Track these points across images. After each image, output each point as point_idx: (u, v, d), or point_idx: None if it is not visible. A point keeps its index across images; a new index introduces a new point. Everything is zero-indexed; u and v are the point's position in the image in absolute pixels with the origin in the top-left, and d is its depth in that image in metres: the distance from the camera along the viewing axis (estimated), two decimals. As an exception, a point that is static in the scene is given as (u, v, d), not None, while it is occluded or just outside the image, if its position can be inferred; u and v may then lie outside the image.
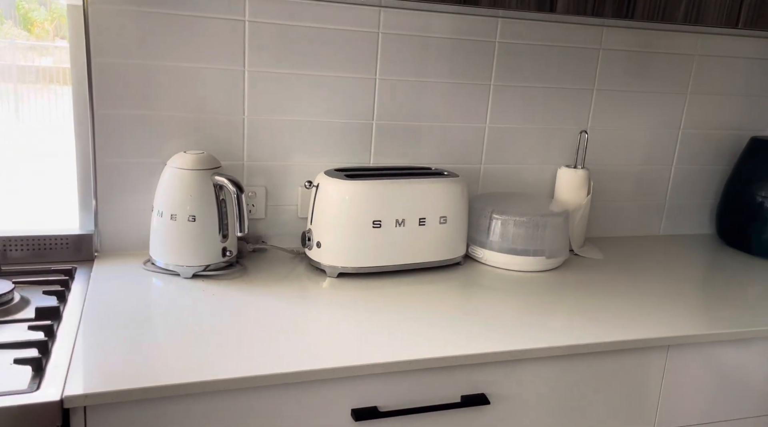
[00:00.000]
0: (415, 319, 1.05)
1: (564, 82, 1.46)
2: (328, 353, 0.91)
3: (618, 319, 1.09)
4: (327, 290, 1.15)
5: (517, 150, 1.48)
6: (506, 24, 1.38)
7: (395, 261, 1.22)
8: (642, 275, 1.34)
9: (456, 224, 1.27)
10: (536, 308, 1.12)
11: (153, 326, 0.96)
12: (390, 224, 1.19)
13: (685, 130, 1.60)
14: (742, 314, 1.16)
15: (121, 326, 0.94)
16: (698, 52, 1.54)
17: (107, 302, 1.02)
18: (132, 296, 1.05)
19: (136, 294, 1.06)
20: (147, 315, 0.99)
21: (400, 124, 1.37)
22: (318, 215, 1.20)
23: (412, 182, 1.22)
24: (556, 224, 1.31)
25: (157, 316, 0.99)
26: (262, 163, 1.30)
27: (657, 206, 1.65)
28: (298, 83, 1.28)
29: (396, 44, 1.32)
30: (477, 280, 1.25)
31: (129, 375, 0.81)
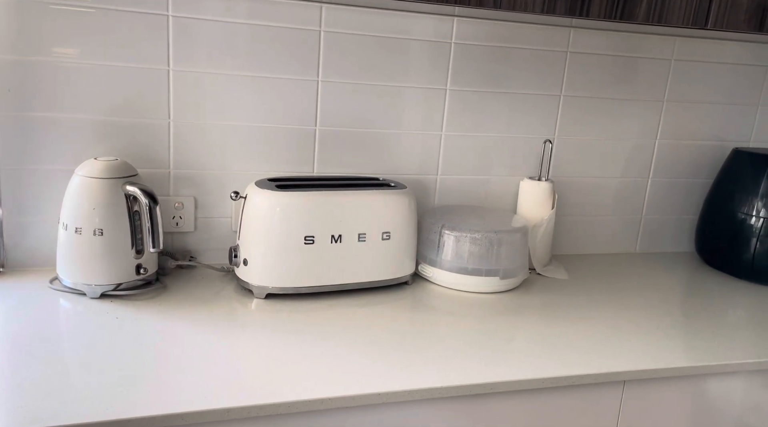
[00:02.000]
0: (348, 347, 0.93)
1: (528, 88, 1.35)
2: (236, 389, 0.79)
3: (571, 349, 0.98)
4: (253, 313, 1.04)
5: (477, 160, 1.37)
6: (463, 24, 1.27)
7: (331, 281, 1.10)
8: (608, 297, 1.22)
9: (401, 240, 1.16)
10: (483, 337, 1.01)
11: (43, 355, 0.84)
12: (324, 239, 1.08)
13: (662, 141, 1.49)
14: (716, 344, 1.04)
15: (5, 356, 0.83)
16: (675, 56, 1.43)
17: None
18: (29, 319, 0.94)
19: (34, 317, 0.95)
20: (40, 341, 0.88)
21: (346, 130, 1.26)
22: (245, 229, 1.09)
23: (349, 194, 1.11)
24: (512, 241, 1.20)
25: (52, 343, 0.88)
26: (191, 172, 1.19)
27: (632, 222, 1.53)
28: (231, 85, 1.17)
29: (340, 44, 1.21)
30: (425, 302, 1.14)
31: None
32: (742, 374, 1.01)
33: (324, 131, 1.25)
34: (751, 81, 1.50)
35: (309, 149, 1.25)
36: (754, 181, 1.37)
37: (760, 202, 1.35)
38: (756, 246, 1.35)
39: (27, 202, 1.11)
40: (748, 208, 1.37)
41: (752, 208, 1.36)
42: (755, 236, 1.35)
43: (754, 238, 1.35)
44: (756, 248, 1.35)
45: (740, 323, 1.14)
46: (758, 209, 1.35)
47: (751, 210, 1.36)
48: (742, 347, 1.03)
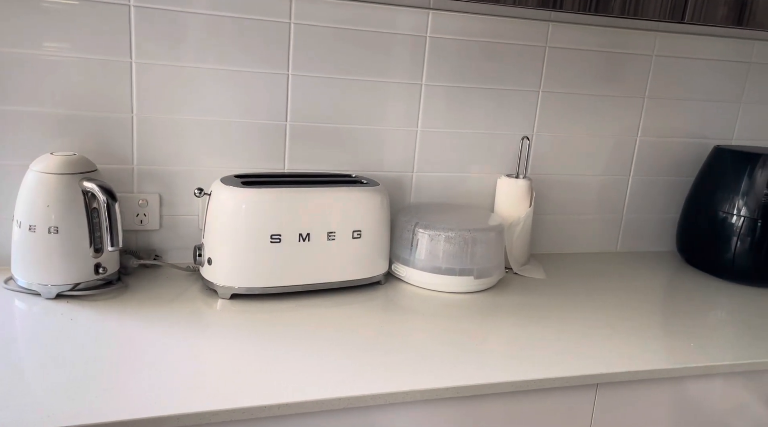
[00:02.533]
0: (316, 350, 0.89)
1: (506, 83, 1.32)
2: (193, 394, 0.76)
3: (546, 352, 0.94)
4: (217, 314, 1.00)
5: (454, 157, 1.34)
6: (438, 17, 1.24)
7: (299, 281, 1.07)
8: (586, 298, 1.19)
9: (373, 239, 1.12)
10: (455, 338, 0.97)
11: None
12: (291, 238, 1.05)
13: (643, 138, 1.47)
14: (694, 346, 1.01)
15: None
16: (655, 52, 1.40)
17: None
18: (-25, 320, 0.90)
19: (-18, 318, 0.91)
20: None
21: (319, 126, 1.23)
22: (210, 227, 1.05)
23: (317, 191, 1.07)
24: (487, 240, 1.17)
25: (1, 346, 0.84)
26: (156, 168, 1.15)
27: (613, 221, 1.51)
28: (198, 78, 1.13)
29: (311, 37, 1.18)
30: (397, 302, 1.11)
31: None
32: (719, 376, 0.99)
33: (295, 127, 1.21)
34: (733, 77, 1.47)
35: (279, 145, 1.21)
36: (735, 179, 1.35)
37: (741, 200, 1.33)
38: (737, 245, 1.33)
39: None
40: (729, 207, 1.34)
41: (733, 207, 1.34)
42: (736, 235, 1.33)
43: (734, 237, 1.33)
44: (736, 247, 1.33)
45: (719, 323, 1.11)
46: (739, 208, 1.33)
47: (732, 209, 1.34)
48: (720, 348, 1.00)
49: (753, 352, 1.00)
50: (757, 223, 1.30)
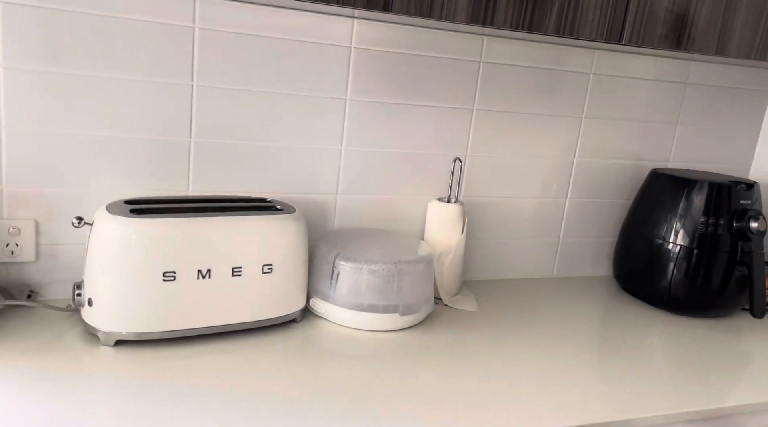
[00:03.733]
0: (213, 408, 0.76)
1: (438, 100, 1.23)
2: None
3: (470, 403, 0.85)
4: (99, 365, 0.85)
5: (383, 179, 1.23)
6: (365, 26, 1.13)
7: (197, 324, 0.93)
8: (518, 333, 1.11)
9: (287, 273, 1.00)
10: (375, 389, 0.86)
11: None
12: (189, 275, 0.91)
13: (580, 159, 1.40)
14: (629, 394, 0.94)
15: None
16: (593, 70, 1.34)
17: None
18: None
19: None
20: None
21: (230, 143, 1.09)
22: (91, 262, 0.90)
23: (220, 220, 0.94)
24: (415, 272, 1.06)
25: None
26: (31, 190, 0.99)
27: (550, 245, 1.44)
28: (83, 87, 0.98)
29: (219, 44, 1.04)
30: (314, 343, 0.99)
31: None
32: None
33: (201, 144, 1.08)
34: (671, 98, 1.43)
35: (182, 164, 1.07)
36: (672, 205, 1.30)
37: (677, 227, 1.28)
38: (673, 274, 1.28)
39: None
40: (665, 234, 1.30)
41: (670, 234, 1.29)
42: (672, 263, 1.28)
43: (671, 264, 1.28)
44: (673, 275, 1.28)
45: (655, 363, 1.05)
46: (676, 235, 1.28)
47: (669, 236, 1.29)
48: (657, 394, 0.94)
49: (690, 398, 0.94)
50: (693, 252, 1.25)
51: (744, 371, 1.05)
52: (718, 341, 1.17)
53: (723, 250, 1.25)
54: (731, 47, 1.08)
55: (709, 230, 1.24)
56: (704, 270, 1.25)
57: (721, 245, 1.25)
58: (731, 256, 1.25)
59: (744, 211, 1.25)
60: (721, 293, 1.26)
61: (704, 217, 1.25)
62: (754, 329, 1.25)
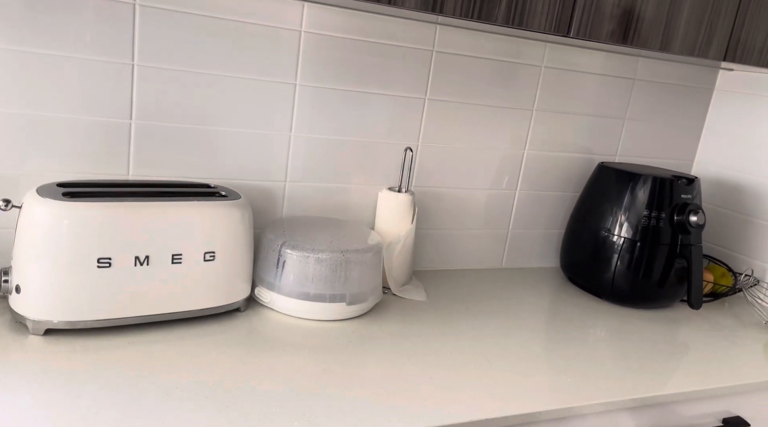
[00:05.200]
0: (142, 400, 0.73)
1: (389, 88, 1.21)
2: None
3: (412, 396, 0.84)
4: (27, 356, 0.81)
5: (334, 166, 1.21)
6: (315, 9, 1.11)
7: (134, 312, 0.90)
8: (465, 323, 1.11)
9: (231, 261, 0.97)
10: (318, 381, 0.85)
11: None
12: (125, 261, 0.87)
13: (531, 152, 1.42)
14: (572, 383, 0.95)
15: None
16: (545, 63, 1.35)
17: None
18: None
19: None
20: None
21: (174, 126, 1.06)
22: (20, 247, 0.86)
23: (159, 205, 0.90)
24: (363, 262, 1.05)
25: None
26: (-44, 171, 0.93)
27: (499, 236, 1.45)
28: (18, 64, 0.92)
29: (163, 23, 1.00)
30: (258, 333, 0.96)
31: None
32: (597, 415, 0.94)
33: (142, 126, 1.03)
34: (619, 93, 1.46)
35: (122, 147, 1.03)
36: (617, 197, 1.33)
37: (622, 220, 1.31)
38: (616, 265, 1.31)
39: None
40: (610, 226, 1.32)
41: (614, 226, 1.32)
42: (616, 254, 1.31)
43: (615, 256, 1.31)
44: (616, 267, 1.31)
45: (597, 352, 1.07)
46: (620, 227, 1.31)
47: (614, 228, 1.32)
48: (599, 383, 0.96)
49: (632, 386, 0.96)
50: (636, 244, 1.29)
51: (681, 360, 1.08)
52: (658, 332, 1.20)
53: (664, 243, 1.28)
54: (675, 44, 1.11)
55: (651, 222, 1.27)
56: (646, 262, 1.28)
57: (663, 238, 1.28)
58: (671, 249, 1.29)
59: (684, 205, 1.29)
60: (662, 284, 1.29)
61: (647, 210, 1.28)
62: (692, 320, 1.29)
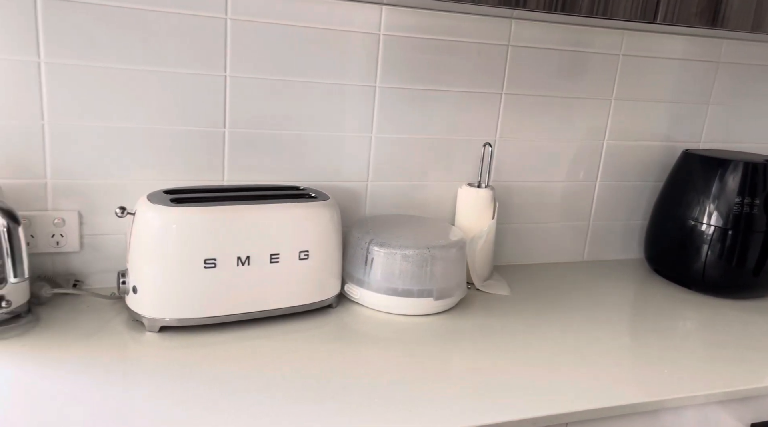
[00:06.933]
0: (256, 392, 0.78)
1: (467, 85, 1.23)
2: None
3: (508, 388, 0.86)
4: (144, 351, 0.88)
5: (413, 165, 1.24)
6: (393, 13, 1.13)
7: (237, 310, 0.95)
8: (552, 317, 1.11)
9: (323, 259, 1.02)
10: (411, 373, 0.88)
11: None
12: (228, 262, 0.93)
13: (610, 142, 1.39)
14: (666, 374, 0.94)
15: None
16: (623, 51, 1.33)
17: None
18: None
19: None
20: None
21: (263, 133, 1.11)
22: (135, 251, 0.93)
23: (258, 208, 0.96)
24: (448, 257, 1.07)
25: None
26: (74, 182, 1.01)
27: (580, 229, 1.43)
28: (121, 79, 1.00)
29: (252, 34, 1.05)
30: (350, 328, 1.00)
31: None
32: (695, 406, 0.92)
33: (235, 134, 1.09)
34: (701, 78, 1.41)
35: (217, 155, 1.09)
36: (704, 185, 1.29)
37: (711, 208, 1.27)
38: (707, 255, 1.27)
39: None
40: (698, 215, 1.28)
41: (703, 215, 1.28)
42: (706, 244, 1.27)
43: (704, 246, 1.27)
44: (707, 257, 1.27)
45: (690, 344, 1.05)
46: (709, 216, 1.27)
47: (702, 217, 1.28)
48: (694, 375, 0.94)
49: (727, 378, 0.94)
50: (728, 232, 1.24)
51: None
52: (752, 322, 1.16)
53: (758, 230, 1.23)
54: (767, 23, 1.06)
55: (744, 210, 1.23)
56: (739, 251, 1.24)
57: (757, 225, 1.23)
58: (767, 236, 1.23)
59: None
60: (756, 273, 1.25)
61: (739, 197, 1.23)
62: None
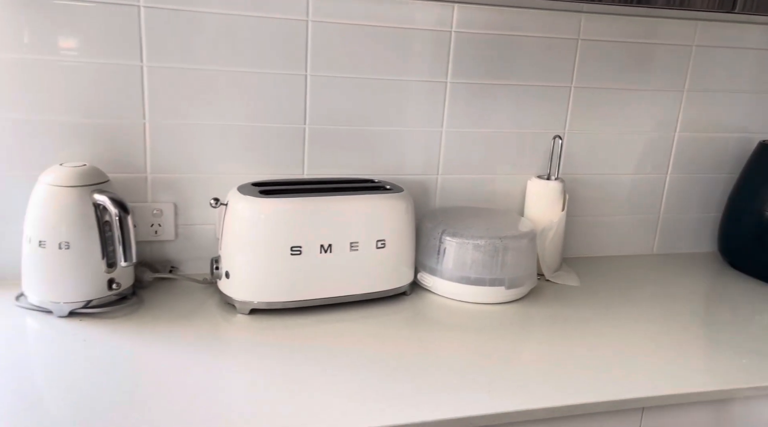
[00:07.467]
0: (338, 370, 0.84)
1: (536, 79, 1.25)
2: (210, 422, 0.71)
3: (583, 372, 0.88)
4: (236, 331, 0.95)
5: (482, 158, 1.27)
6: (464, 10, 1.17)
7: (320, 294, 1.02)
8: (623, 307, 1.12)
9: (398, 248, 1.06)
10: (486, 357, 0.91)
11: (3, 383, 0.76)
12: (312, 249, 0.99)
13: (682, 134, 1.38)
14: (742, 364, 0.94)
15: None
16: (696, 42, 1.31)
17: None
18: (-15, 341, 0.86)
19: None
20: (2, 367, 0.80)
21: (339, 128, 1.17)
22: (227, 239, 1.00)
23: (339, 200, 1.01)
24: (519, 248, 1.10)
25: (14, 369, 0.80)
26: (170, 176, 1.10)
27: (649, 221, 1.43)
28: (211, 81, 1.08)
29: (330, 35, 1.11)
30: (424, 315, 1.05)
31: None
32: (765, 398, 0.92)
33: (314, 130, 1.16)
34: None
35: (298, 150, 1.16)
36: (783, 177, 1.26)
37: (790, 200, 1.24)
38: (785, 248, 1.24)
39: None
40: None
41: (781, 207, 1.25)
42: (784, 237, 1.24)
43: (782, 239, 1.25)
44: (785, 250, 1.24)
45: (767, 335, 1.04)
46: (788, 208, 1.24)
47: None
48: None
49: (811, 369, 0.93)
50: (808, 225, 1.21)
51: None
52: (837, 316, 1.13)
53: (842, 222, 1.20)
54: None
55: (826, 201, 1.20)
56: (821, 243, 1.21)
57: (840, 218, 1.20)
58: None
59: None
60: (840, 267, 1.21)
61: (820, 188, 1.20)
62: None
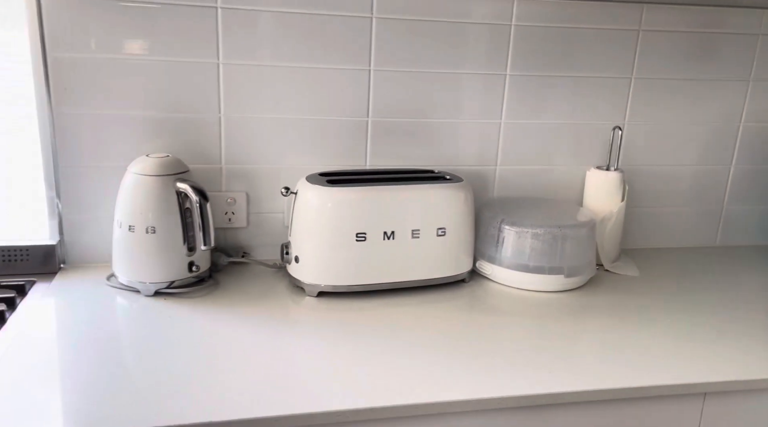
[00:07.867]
0: (402, 350, 0.89)
1: (595, 70, 1.25)
2: (282, 395, 0.77)
3: (643, 357, 0.89)
4: (304, 312, 1.01)
5: (540, 149, 1.29)
6: (523, 3, 1.19)
7: (383, 279, 1.06)
8: (683, 297, 1.12)
9: (458, 236, 1.10)
10: (545, 341, 0.94)
11: (96, 355, 0.84)
12: (376, 236, 1.04)
13: (747, 124, 1.36)
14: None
15: (61, 355, 0.84)
16: (762, 30, 1.29)
17: (48, 327, 0.93)
18: (85, 317, 0.95)
19: (90, 315, 0.96)
20: (95, 341, 0.88)
21: (400, 121, 1.21)
22: (296, 225, 1.06)
23: (402, 189, 1.06)
24: (578, 237, 1.11)
25: (105, 342, 0.88)
26: (243, 167, 1.17)
27: (712, 213, 1.41)
28: (281, 77, 1.14)
29: (393, 30, 1.16)
30: (483, 301, 1.08)
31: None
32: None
33: (376, 122, 1.20)
34: None
35: (361, 141, 1.21)
36: None
37: None
38: None
39: (84, 199, 1.12)
40: None
41: None
42: None
43: None
44: None
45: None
46: None
47: None
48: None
49: None
50: None
51: None
52: None
53: None
54: None
55: None
56: None
57: None
58: None
59: None
60: None
61: None
62: None
